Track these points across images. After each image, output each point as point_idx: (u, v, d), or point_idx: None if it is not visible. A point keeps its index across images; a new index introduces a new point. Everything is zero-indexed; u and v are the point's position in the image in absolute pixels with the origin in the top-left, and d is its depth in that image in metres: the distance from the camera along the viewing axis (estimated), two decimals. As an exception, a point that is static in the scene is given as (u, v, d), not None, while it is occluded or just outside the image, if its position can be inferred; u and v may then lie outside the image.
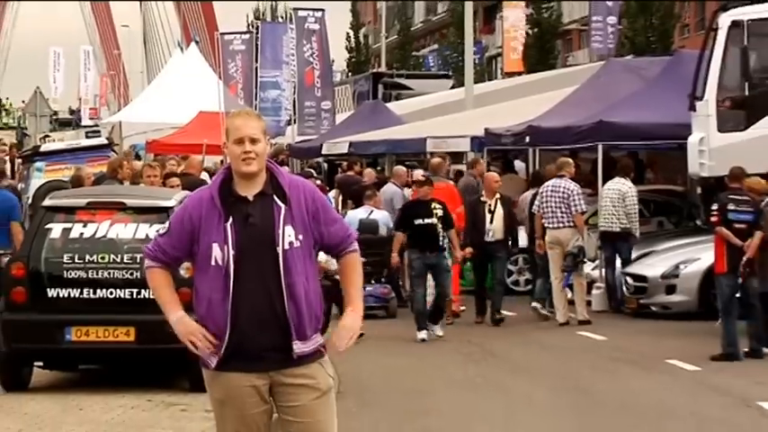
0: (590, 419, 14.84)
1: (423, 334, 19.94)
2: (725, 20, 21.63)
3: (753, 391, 15.78)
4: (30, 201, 25.06)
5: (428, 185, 20.75)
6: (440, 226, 20.12)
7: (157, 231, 8.22)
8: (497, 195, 22.57)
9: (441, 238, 20.21)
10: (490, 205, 22.23)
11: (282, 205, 7.74)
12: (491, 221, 22.07)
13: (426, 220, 19.99)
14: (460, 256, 21.35)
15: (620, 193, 23.57)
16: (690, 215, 25.07)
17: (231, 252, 7.68)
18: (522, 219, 24.04)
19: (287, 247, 7.73)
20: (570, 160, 24.39)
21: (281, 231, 7.71)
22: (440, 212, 20.34)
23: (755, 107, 20.94)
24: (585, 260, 23.08)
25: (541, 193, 22.93)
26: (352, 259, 8.19)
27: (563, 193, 22.60)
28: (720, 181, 19.90)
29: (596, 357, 18.93)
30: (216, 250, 7.72)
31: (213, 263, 7.73)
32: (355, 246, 8.21)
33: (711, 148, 20.69)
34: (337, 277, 19.30)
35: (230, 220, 7.72)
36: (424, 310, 20.19)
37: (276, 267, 7.73)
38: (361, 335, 19.17)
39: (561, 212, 22.03)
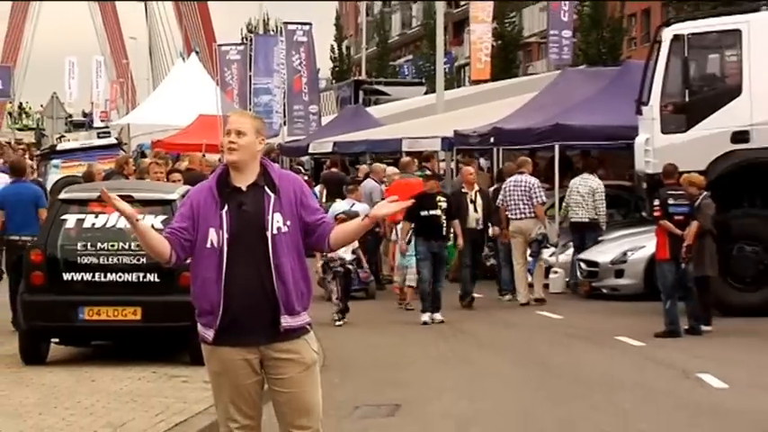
0: (547, 389, 14.88)
1: (426, 317, 19.68)
2: (667, 34, 21.71)
3: (692, 364, 15.86)
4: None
5: (434, 180, 20.56)
6: (443, 217, 19.92)
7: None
8: (476, 187, 22.39)
9: (444, 229, 20.01)
10: (471, 196, 22.03)
11: (272, 195, 7.86)
12: (474, 210, 21.92)
13: (432, 212, 19.75)
14: (462, 244, 20.96)
15: (590, 188, 23.71)
16: (636, 207, 25.07)
17: (225, 236, 7.80)
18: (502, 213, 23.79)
19: (275, 231, 7.82)
20: (528, 159, 24.52)
21: (270, 218, 7.82)
22: (444, 205, 20.14)
23: (694, 111, 21.00)
24: (548, 245, 23.30)
25: (505, 187, 22.92)
26: (336, 228, 8.14)
27: (525, 186, 22.69)
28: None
29: (553, 334, 19.00)
30: (212, 234, 7.84)
31: (209, 245, 7.85)
32: (333, 226, 8.22)
33: (655, 147, 20.77)
34: (349, 266, 19.58)
35: (226, 207, 7.85)
36: (429, 293, 19.81)
37: (266, 249, 7.82)
38: (346, 314, 19.35)
39: (524, 204, 22.04)
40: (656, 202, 18.61)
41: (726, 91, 21.20)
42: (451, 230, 20.55)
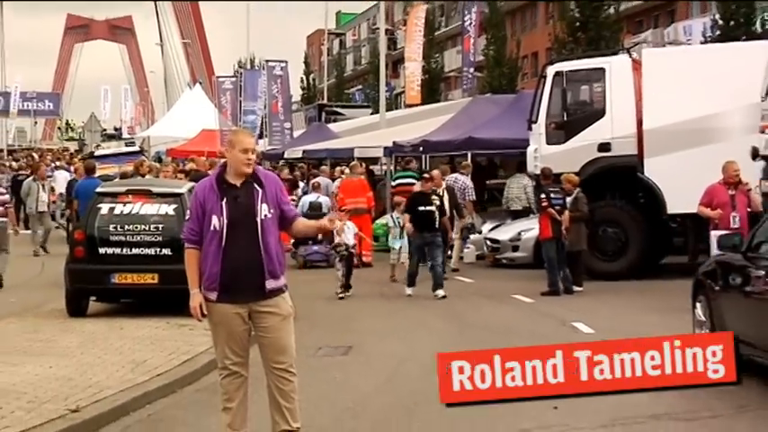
0: (462, 334, 14.97)
1: (409, 290, 18.76)
2: (551, 70, 21.76)
3: (568, 315, 15.93)
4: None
5: (430, 181, 19.62)
6: (437, 213, 18.91)
7: (186, 218, 8.40)
8: (443, 185, 21.53)
9: (437, 222, 18.87)
10: (439, 192, 20.84)
11: (260, 189, 7.91)
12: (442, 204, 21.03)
13: (427, 208, 18.79)
14: (452, 238, 20.33)
15: (523, 185, 24.37)
16: (528, 199, 25.18)
17: (225, 221, 7.81)
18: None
19: (263, 217, 7.86)
20: (469, 163, 24.73)
21: (259, 207, 7.87)
22: (437, 202, 19.13)
23: (570, 128, 21.06)
24: (475, 232, 23.44)
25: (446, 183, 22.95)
26: (300, 220, 8.44)
27: (461, 186, 22.85)
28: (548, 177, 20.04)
29: (466, 294, 19.07)
30: (215, 220, 7.83)
31: (212, 228, 7.84)
32: (299, 215, 8.53)
33: (542, 155, 20.80)
34: (353, 251, 18.84)
35: (224, 199, 7.86)
36: (414, 273, 18.91)
37: (256, 231, 7.84)
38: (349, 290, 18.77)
39: (459, 199, 22.16)
40: (543, 195, 18.71)
41: (593, 113, 21.22)
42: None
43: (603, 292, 18.43)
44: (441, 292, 18.26)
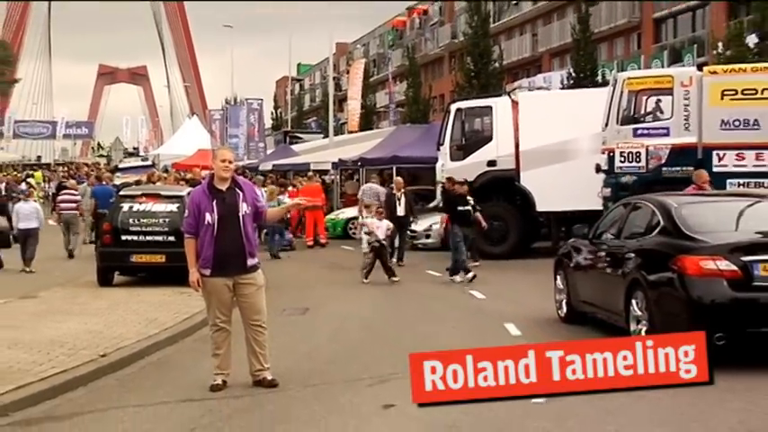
0: (390, 300, 14.94)
1: (458, 278, 16.58)
2: (453, 107, 21.83)
3: (466, 285, 15.97)
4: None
5: (461, 185, 17.95)
6: (471, 211, 17.41)
7: (185, 215, 8.33)
8: (402, 190, 20.95)
9: (471, 219, 17.39)
10: (398, 195, 20.57)
11: (240, 193, 7.92)
12: (399, 205, 20.38)
13: (465, 207, 17.30)
14: (485, 227, 18.06)
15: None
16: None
17: (216, 217, 7.80)
18: (360, 205, 22.74)
19: (243, 213, 7.86)
20: (377, 176, 24.65)
21: (240, 206, 7.86)
22: (471, 202, 17.51)
23: (467, 150, 21.11)
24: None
25: (363, 189, 23.08)
26: (269, 210, 8.52)
27: (374, 191, 22.64)
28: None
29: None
30: (208, 216, 7.81)
31: (206, 223, 7.82)
32: (266, 209, 8.45)
33: (446, 169, 20.79)
34: (384, 242, 17.13)
35: (214, 200, 7.87)
36: (462, 259, 16.77)
37: (239, 224, 7.83)
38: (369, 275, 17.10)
39: (374, 200, 21.93)
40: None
41: (484, 138, 21.30)
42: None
43: (491, 269, 18.43)
44: (458, 278, 16.50)
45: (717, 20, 38.65)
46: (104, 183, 24.96)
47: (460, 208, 17.40)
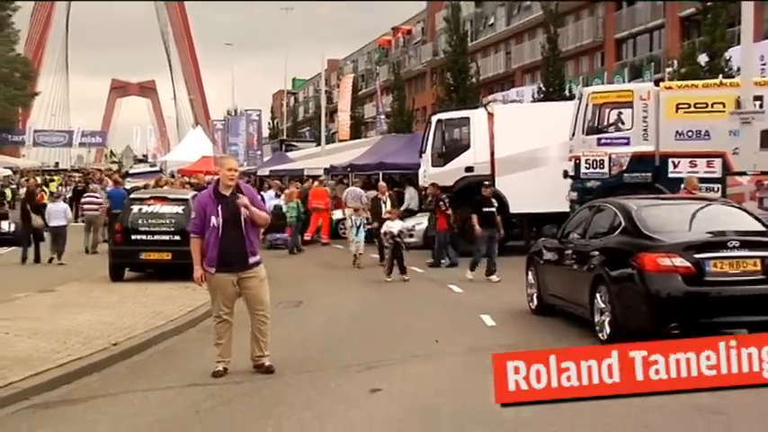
0: (377, 293, 14.89)
1: (470, 275, 15.83)
2: (434, 118, 21.80)
3: (446, 279, 15.98)
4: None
5: (490, 188, 17.03)
6: (495, 212, 16.33)
7: (192, 217, 8.34)
8: (387, 193, 20.66)
9: (496, 219, 16.34)
10: (384, 198, 20.13)
11: (243, 197, 7.86)
12: (384, 207, 19.69)
13: (490, 209, 16.27)
14: (503, 233, 16.73)
15: (415, 193, 23.77)
16: (420, 203, 25.13)
17: (220, 220, 7.76)
18: (344, 206, 23.03)
19: (245, 217, 7.82)
20: (359, 180, 24.67)
21: (242, 211, 7.81)
22: (496, 204, 16.64)
23: (447, 156, 21.07)
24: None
25: (348, 193, 23.00)
26: (263, 214, 8.16)
27: (357, 193, 22.49)
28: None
29: (378, 267, 18.62)
30: (213, 219, 7.78)
31: (211, 225, 7.78)
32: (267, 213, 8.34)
33: (428, 174, 20.82)
34: (398, 239, 16.45)
35: (219, 205, 7.82)
36: (478, 261, 16.14)
37: (241, 225, 7.79)
38: (392, 272, 17.55)
39: (356, 202, 21.55)
40: (441, 202, 18.45)
41: (462, 147, 21.24)
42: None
43: (467, 265, 18.52)
44: (494, 278, 15.65)
45: (672, 40, 38.86)
46: (118, 186, 25.26)
47: (486, 209, 16.61)
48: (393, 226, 16.73)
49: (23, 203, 20.80)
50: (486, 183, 17.26)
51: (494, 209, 16.35)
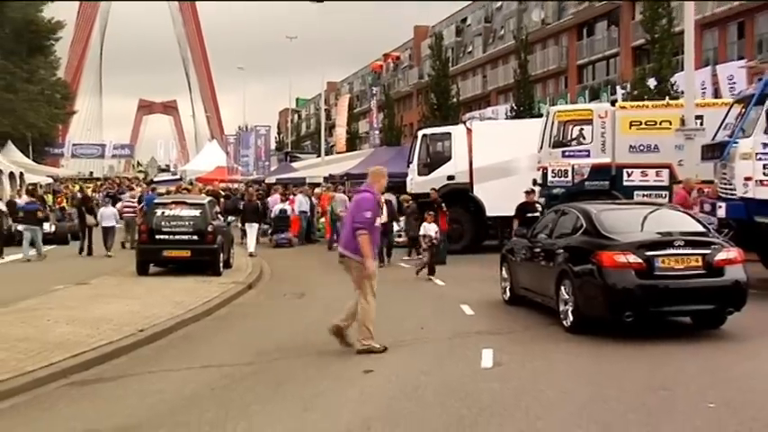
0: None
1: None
2: (420, 133, 21.88)
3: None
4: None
5: (532, 194, 16.47)
6: (538, 218, 14.23)
7: (365, 215, 7.83)
8: (384, 199, 20.06)
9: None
10: (382, 204, 19.52)
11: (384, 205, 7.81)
12: (382, 212, 19.40)
13: (533, 214, 15.40)
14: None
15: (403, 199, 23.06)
16: (399, 208, 24.82)
17: (381, 221, 8.02)
18: (339, 214, 22.07)
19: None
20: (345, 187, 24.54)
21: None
22: (539, 209, 15.90)
23: (432, 166, 21.10)
24: None
25: (335, 199, 22.95)
26: None
27: (345, 199, 22.35)
28: (419, 195, 20.08)
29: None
30: (377, 220, 7.98)
31: (375, 225, 7.97)
32: None
33: (415, 182, 20.91)
34: (435, 241, 15.80)
35: (381, 208, 8.01)
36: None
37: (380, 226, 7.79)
38: (423, 269, 16.40)
39: (345, 208, 21.61)
40: (430, 212, 18.05)
41: (445, 158, 21.23)
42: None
43: (451, 262, 18.32)
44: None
45: (625, 66, 39.02)
46: (151, 191, 25.74)
47: (529, 214, 15.85)
48: (430, 228, 16.06)
49: (79, 206, 22.23)
50: (529, 190, 16.65)
51: (537, 214, 15.17)
